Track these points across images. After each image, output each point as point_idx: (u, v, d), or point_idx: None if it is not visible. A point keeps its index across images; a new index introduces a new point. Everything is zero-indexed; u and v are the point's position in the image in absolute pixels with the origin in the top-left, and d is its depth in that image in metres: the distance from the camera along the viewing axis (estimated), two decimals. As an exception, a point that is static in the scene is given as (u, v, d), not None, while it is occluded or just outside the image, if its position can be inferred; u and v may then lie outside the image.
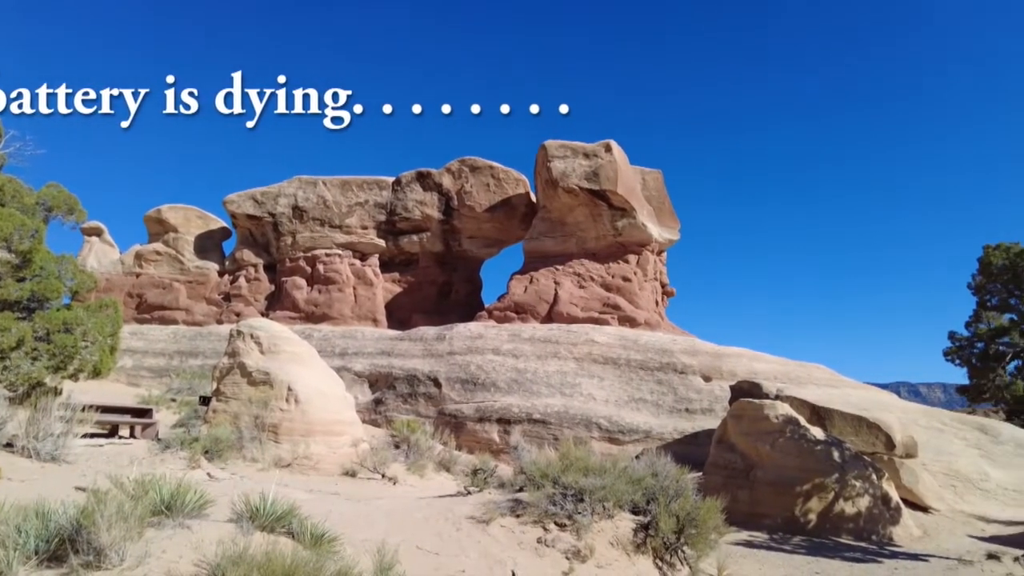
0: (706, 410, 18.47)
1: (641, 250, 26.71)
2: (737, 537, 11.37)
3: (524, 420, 18.75)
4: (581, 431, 18.16)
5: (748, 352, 21.84)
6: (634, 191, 26.73)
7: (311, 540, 5.62)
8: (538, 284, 25.87)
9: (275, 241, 30.71)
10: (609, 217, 26.01)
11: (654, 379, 20.00)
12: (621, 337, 22.47)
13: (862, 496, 12.33)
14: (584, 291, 25.65)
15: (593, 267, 26.28)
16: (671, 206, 28.66)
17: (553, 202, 26.32)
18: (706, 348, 21.79)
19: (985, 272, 19.52)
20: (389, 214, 29.59)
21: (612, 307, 25.09)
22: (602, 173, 25.45)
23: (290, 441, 12.53)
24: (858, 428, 14.04)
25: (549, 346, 22.00)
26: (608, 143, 25.99)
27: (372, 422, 20.36)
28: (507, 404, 19.23)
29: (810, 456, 12.70)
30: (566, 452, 9.06)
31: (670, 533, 7.62)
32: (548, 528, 7.51)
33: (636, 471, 8.66)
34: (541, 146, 26.66)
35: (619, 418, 18.35)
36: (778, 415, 13.44)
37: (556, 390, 19.96)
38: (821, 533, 12.04)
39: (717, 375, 19.85)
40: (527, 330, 23.29)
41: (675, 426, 18.01)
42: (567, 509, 7.62)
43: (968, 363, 19.29)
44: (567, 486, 7.87)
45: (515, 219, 28.75)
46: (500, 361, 20.99)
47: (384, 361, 22.65)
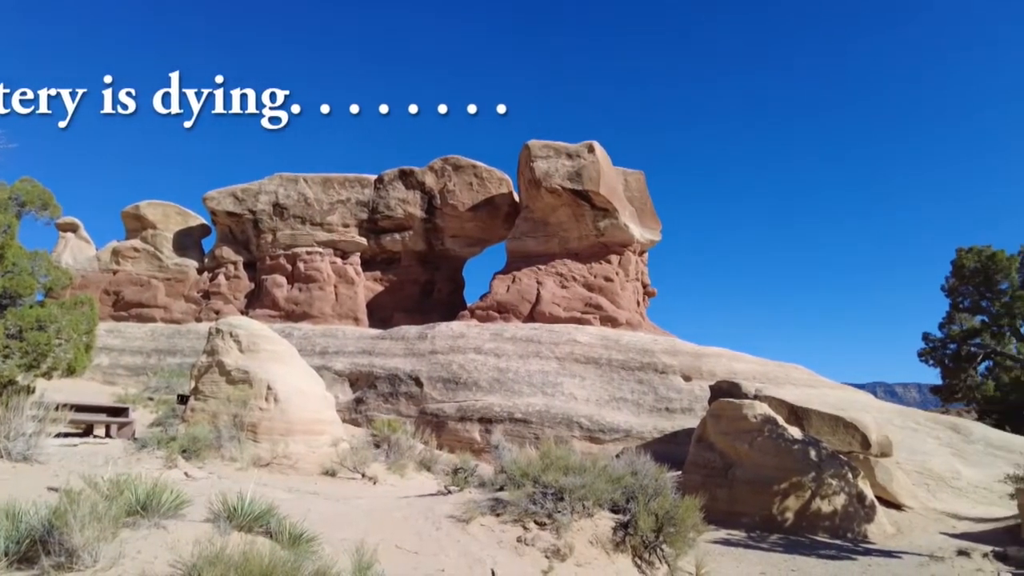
0: (686, 409, 18.62)
1: (623, 250, 26.85)
2: (716, 535, 11.49)
3: (505, 419, 18.77)
4: (562, 430, 18.22)
5: (728, 352, 22.05)
6: (616, 192, 26.87)
7: (289, 540, 5.58)
8: (520, 284, 25.92)
9: (255, 238, 30.43)
10: (591, 217, 26.12)
11: (635, 379, 20.13)
12: (603, 337, 22.58)
13: (838, 494, 12.50)
14: (566, 291, 25.74)
15: (575, 267, 26.38)
16: (653, 207, 28.86)
17: (536, 202, 26.38)
18: (686, 348, 21.98)
19: (958, 274, 19.93)
20: (371, 212, 29.45)
21: (594, 307, 25.21)
22: (585, 173, 25.56)
23: (269, 440, 12.43)
24: (835, 428, 14.22)
25: (531, 345, 22.05)
26: (591, 144, 26.11)
27: (352, 421, 20.25)
28: (489, 403, 19.24)
29: (788, 455, 12.86)
30: (547, 451, 9.09)
31: (649, 532, 7.68)
32: (528, 527, 7.53)
33: (616, 470, 8.71)
34: (524, 146, 26.70)
35: (600, 417, 18.45)
36: (757, 415, 13.59)
37: (538, 389, 20.01)
38: (798, 531, 12.19)
39: (697, 375, 20.03)
40: (509, 329, 23.33)
41: (655, 425, 18.15)
42: (547, 508, 7.64)
43: (941, 364, 19.71)
44: (547, 485, 7.89)
45: (498, 218, 28.78)
46: (482, 360, 21.00)
47: (365, 360, 22.54)
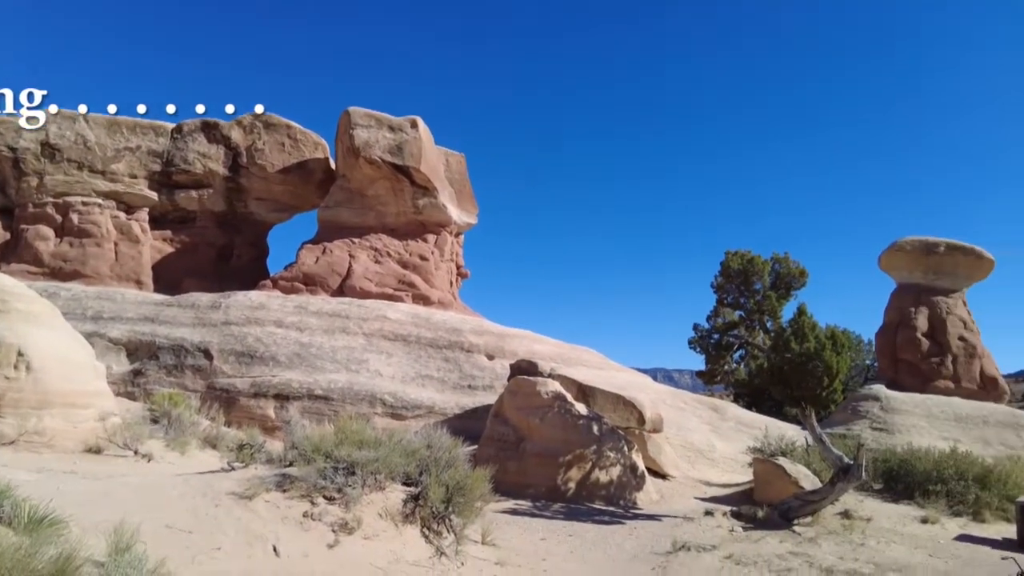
0: (487, 387, 19.32)
1: (440, 230, 27.00)
2: (505, 505, 12.12)
3: (304, 396, 18.06)
4: (365, 407, 17.96)
5: (530, 334, 23.24)
6: (437, 171, 26.90)
7: (28, 524, 4.92)
8: (331, 255, 24.98)
9: (15, 181, 25.85)
10: (411, 194, 25.89)
11: (442, 356, 20.43)
12: (414, 315, 22.58)
13: (615, 466, 13.79)
14: (380, 266, 25.31)
15: (391, 243, 26.02)
16: (471, 190, 29.35)
17: (354, 172, 25.52)
18: (493, 329, 22.76)
19: (725, 274, 23.02)
20: (165, 164, 26.43)
21: (407, 285, 25.10)
22: (406, 148, 25.22)
23: (17, 415, 10.77)
24: (616, 405, 15.60)
25: (338, 320, 21.38)
26: (414, 119, 25.80)
27: (128, 395, 18.18)
28: (287, 379, 18.36)
29: (573, 429, 13.91)
30: (342, 426, 8.93)
31: (439, 503, 7.89)
32: (316, 502, 7.36)
33: (411, 443, 8.82)
34: (344, 112, 25.63)
35: (404, 394, 18.48)
36: (549, 391, 14.52)
37: (342, 366, 19.50)
38: (579, 500, 13.27)
39: (500, 354, 20.84)
40: (316, 303, 22.40)
41: (457, 402, 18.61)
42: (337, 482, 7.53)
43: (706, 351, 22.67)
44: (339, 459, 7.78)
45: (311, 184, 27.37)
46: (283, 334, 19.95)
47: (147, 328, 20.31)
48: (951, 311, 30.37)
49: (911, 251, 30.91)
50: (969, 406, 26.49)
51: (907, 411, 25.40)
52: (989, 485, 14.33)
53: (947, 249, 30.71)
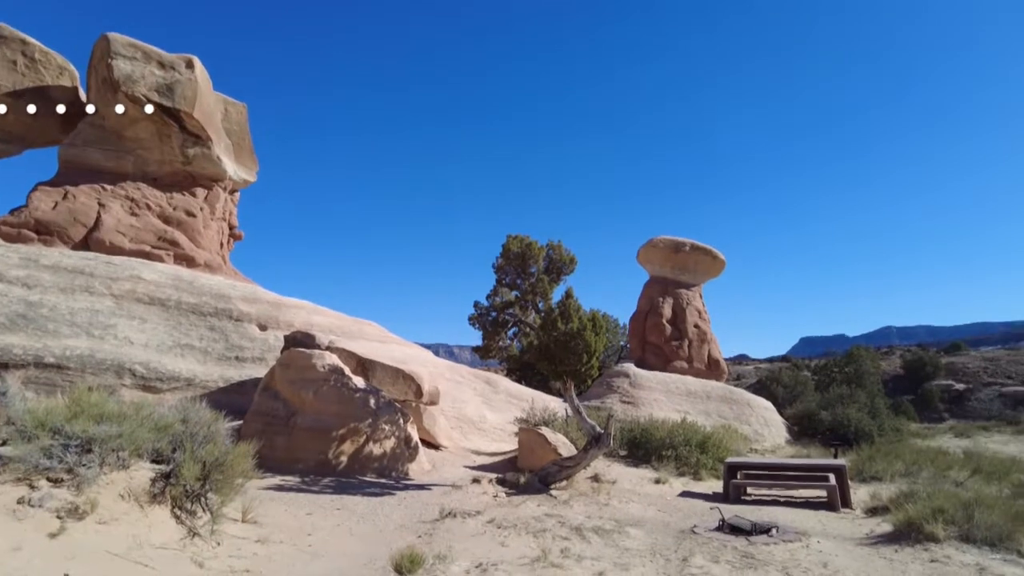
0: (257, 359, 18.14)
1: (212, 185, 24.60)
2: (270, 482, 11.57)
3: (30, 364, 15.35)
4: (110, 378, 15.82)
5: (309, 305, 22.22)
6: (213, 119, 24.40)
7: None
8: (74, 202, 21.45)
9: None
10: (180, 141, 23.18)
11: (206, 324, 18.70)
12: (175, 277, 20.29)
13: (389, 438, 13.85)
14: (137, 219, 22.32)
15: (152, 194, 23.08)
16: (252, 145, 27.10)
17: (109, 108, 22.11)
18: (267, 297, 21.36)
19: (505, 256, 24.25)
20: None
21: (169, 242, 22.50)
22: (179, 90, 22.47)
23: None
24: (396, 379, 15.67)
25: (80, 278, 18.46)
26: (190, 58, 23.03)
27: None
28: (7, 344, 15.46)
29: (350, 403, 13.68)
30: (78, 398, 7.80)
31: (193, 480, 7.28)
32: (37, 486, 6.37)
33: (164, 417, 8.00)
34: (103, 36, 22.00)
35: (159, 364, 16.60)
36: (325, 364, 14.09)
37: (83, 331, 16.92)
38: (351, 473, 13.12)
39: (274, 325, 19.67)
40: (51, 255, 19.09)
41: (222, 374, 17.20)
42: (68, 462, 6.59)
43: (484, 328, 23.75)
44: (71, 436, 6.79)
45: (51, 116, 23.15)
46: (3, 290, 16.72)
47: None
48: (690, 302, 35.37)
49: (663, 248, 35.36)
50: (697, 383, 31.16)
51: (651, 387, 29.12)
52: (707, 449, 17.11)
53: (691, 249, 35.66)
